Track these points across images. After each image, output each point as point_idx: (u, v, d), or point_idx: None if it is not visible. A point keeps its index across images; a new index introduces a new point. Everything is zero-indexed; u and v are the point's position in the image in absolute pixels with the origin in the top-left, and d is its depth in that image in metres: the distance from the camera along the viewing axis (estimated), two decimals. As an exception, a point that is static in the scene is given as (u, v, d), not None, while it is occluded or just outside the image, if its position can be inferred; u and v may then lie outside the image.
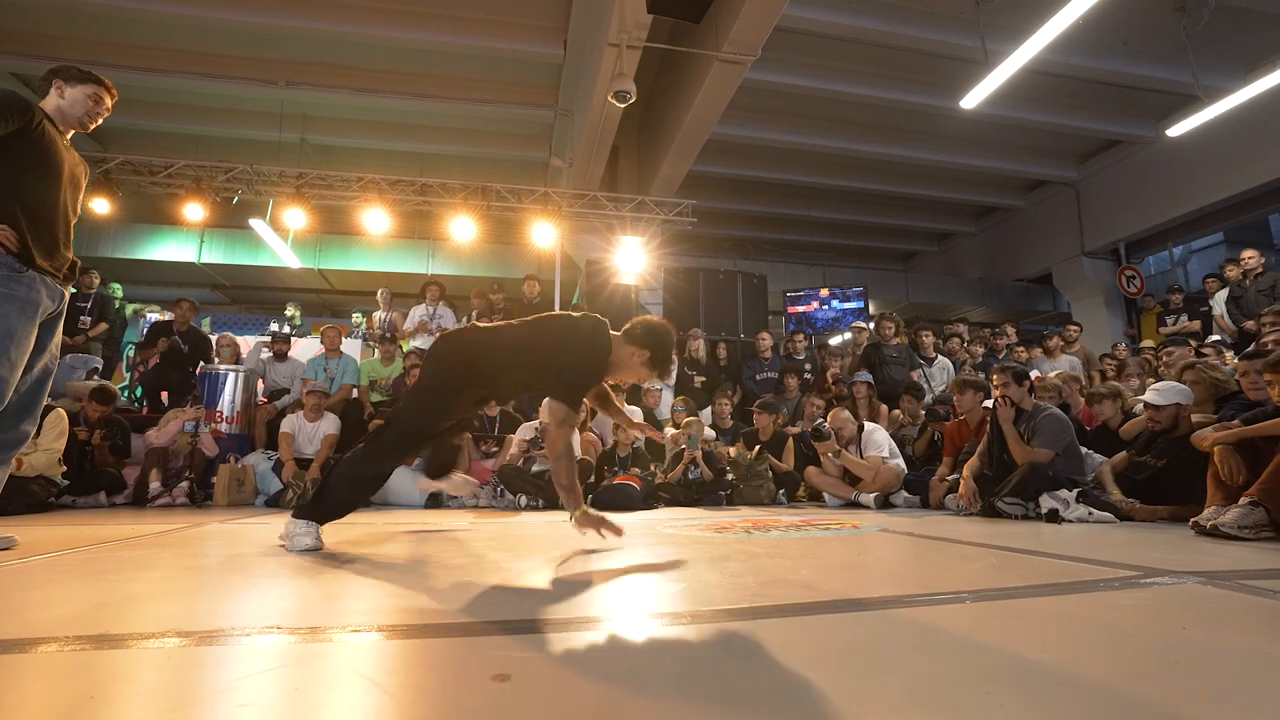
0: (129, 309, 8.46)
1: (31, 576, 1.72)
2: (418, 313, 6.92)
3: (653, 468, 5.11)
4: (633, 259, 7.99)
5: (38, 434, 3.83)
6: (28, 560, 1.96)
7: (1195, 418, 3.25)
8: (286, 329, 8.97)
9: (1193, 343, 5.43)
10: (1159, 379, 4.02)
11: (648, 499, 4.63)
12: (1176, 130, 8.03)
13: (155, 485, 4.78)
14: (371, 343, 6.83)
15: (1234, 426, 2.79)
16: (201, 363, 6.20)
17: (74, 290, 2.39)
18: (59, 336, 2.34)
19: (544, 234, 7.86)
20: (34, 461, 3.92)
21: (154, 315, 8.97)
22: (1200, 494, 2.81)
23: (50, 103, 2.27)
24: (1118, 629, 1.12)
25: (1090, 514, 3.17)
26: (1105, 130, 9.72)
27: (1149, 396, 3.37)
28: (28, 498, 3.85)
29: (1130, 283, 10.68)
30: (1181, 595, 1.42)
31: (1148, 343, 7.20)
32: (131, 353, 7.61)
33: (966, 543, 2.39)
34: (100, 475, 4.74)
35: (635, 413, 5.63)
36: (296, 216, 7.42)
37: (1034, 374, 5.34)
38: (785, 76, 8.16)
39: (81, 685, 0.84)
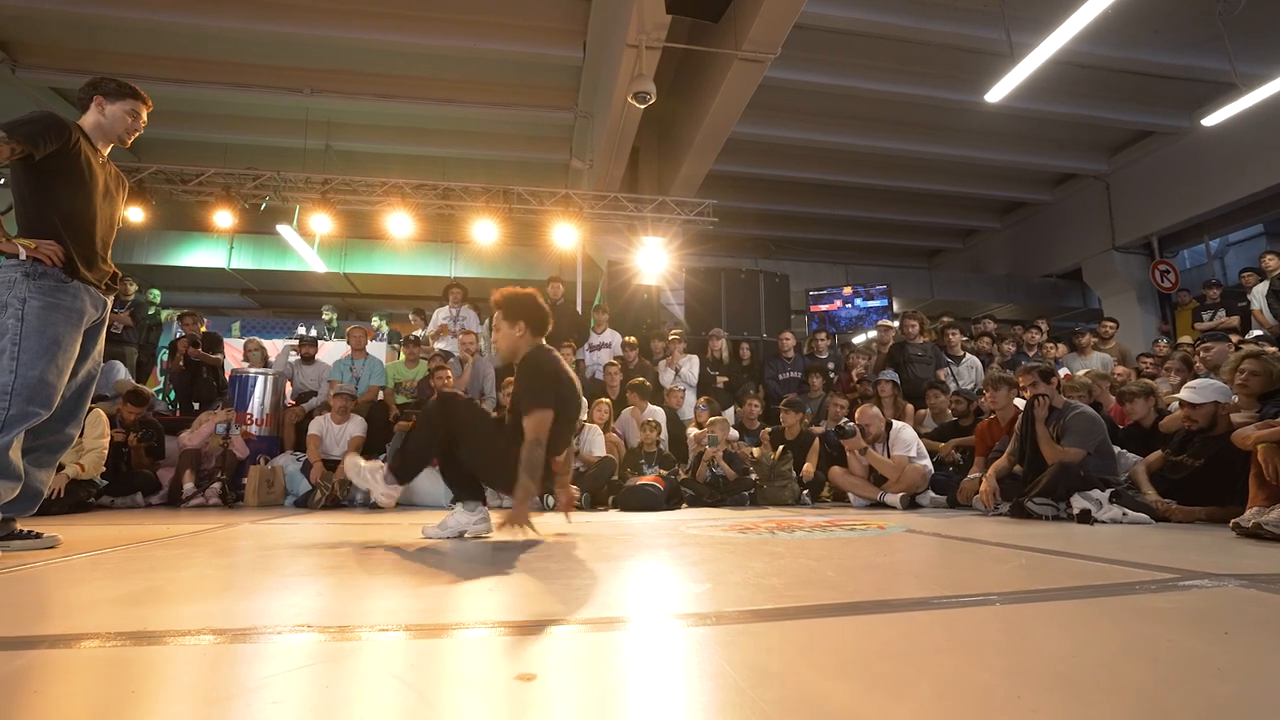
0: (163, 314, 8.67)
1: (74, 574, 1.77)
2: (440, 315, 6.99)
3: (676, 468, 5.11)
4: (654, 259, 7.99)
5: (80, 434, 3.97)
6: (70, 559, 2.02)
7: (1236, 417, 3.15)
8: (314, 332, 9.12)
9: (1233, 338, 5.27)
10: (1195, 376, 3.91)
11: (671, 499, 4.63)
12: (1212, 120, 7.80)
13: (189, 486, 4.90)
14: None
15: (1278, 424, 2.70)
16: (230, 365, 6.34)
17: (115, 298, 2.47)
18: (101, 344, 2.42)
19: (565, 235, 7.89)
20: (89, 462, 4.08)
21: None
22: (1241, 495, 2.72)
23: (89, 119, 2.34)
24: (1155, 633, 1.09)
25: (1124, 515, 3.09)
26: (1136, 121, 9.48)
27: (1185, 394, 3.28)
28: (69, 498, 3.99)
29: (1164, 277, 10.39)
30: (1222, 599, 1.37)
31: (1184, 339, 7.00)
32: (166, 357, 7.80)
33: (995, 544, 2.34)
34: (136, 476, 4.88)
35: (659, 413, 5.63)
36: (322, 221, 7.55)
37: (1063, 372, 5.24)
38: (806, 74, 8.09)
39: (123, 680, 0.87)
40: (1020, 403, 4.06)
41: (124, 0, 6.81)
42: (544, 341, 2.73)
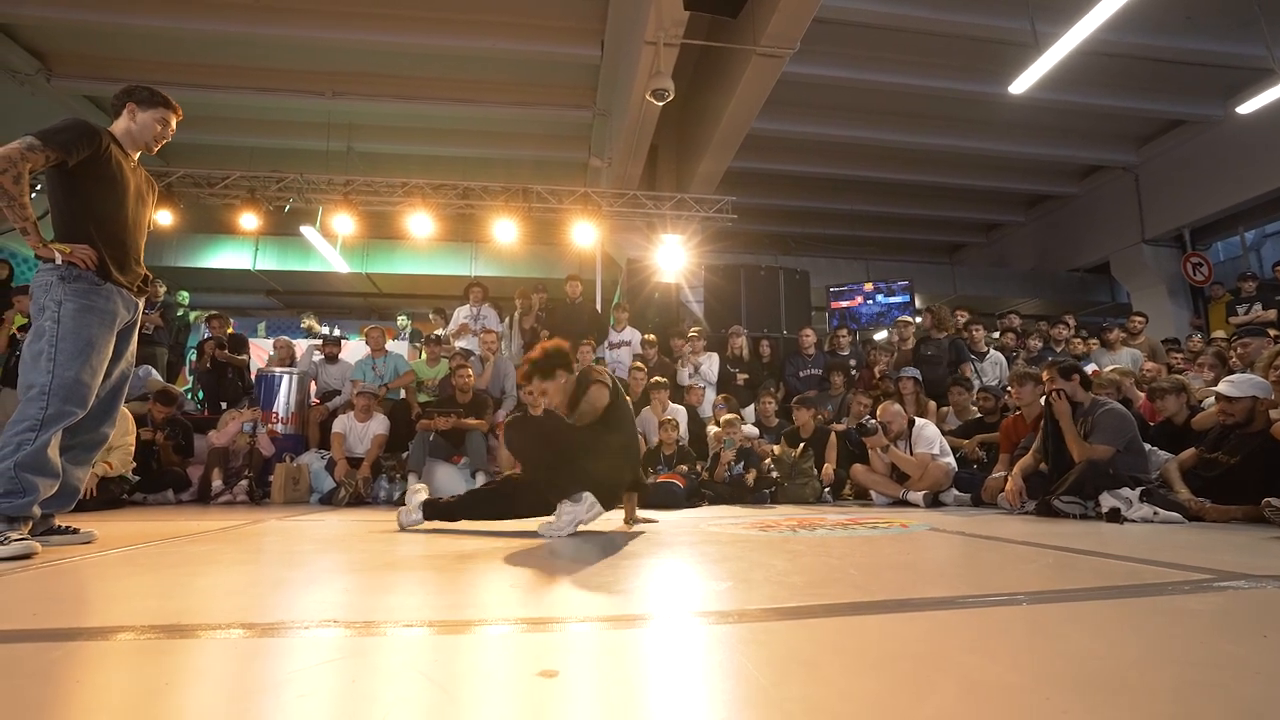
0: (192, 315, 8.86)
1: (110, 569, 1.82)
2: (461, 314, 7.05)
3: (698, 466, 5.10)
4: (673, 257, 7.98)
5: None
6: (106, 554, 2.08)
7: (1275, 413, 3.06)
8: (337, 331, 9.26)
9: (1271, 332, 5.12)
10: (1230, 372, 3.80)
11: (691, 497, 4.62)
12: (1248, 107, 7.58)
13: (217, 483, 5.01)
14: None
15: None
16: (256, 365, 6.46)
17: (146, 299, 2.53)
18: (134, 345, 2.48)
19: (584, 234, 7.91)
20: (116, 460, 4.19)
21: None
22: (1279, 493, 2.65)
23: (120, 126, 2.39)
24: (1188, 635, 1.07)
25: (1155, 514, 3.02)
26: (1167, 111, 9.24)
27: (1222, 388, 3.19)
28: (104, 494, 4.11)
29: (1196, 270, 10.12)
30: (1261, 600, 1.33)
31: (1218, 333, 6.81)
32: (194, 357, 7.98)
33: (1021, 542, 2.31)
34: (167, 474, 5.01)
35: (679, 411, 5.62)
36: (345, 222, 7.65)
37: (1091, 368, 5.13)
38: (825, 69, 8.01)
39: (157, 673, 0.89)
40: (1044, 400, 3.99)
41: (148, 9, 6.96)
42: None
